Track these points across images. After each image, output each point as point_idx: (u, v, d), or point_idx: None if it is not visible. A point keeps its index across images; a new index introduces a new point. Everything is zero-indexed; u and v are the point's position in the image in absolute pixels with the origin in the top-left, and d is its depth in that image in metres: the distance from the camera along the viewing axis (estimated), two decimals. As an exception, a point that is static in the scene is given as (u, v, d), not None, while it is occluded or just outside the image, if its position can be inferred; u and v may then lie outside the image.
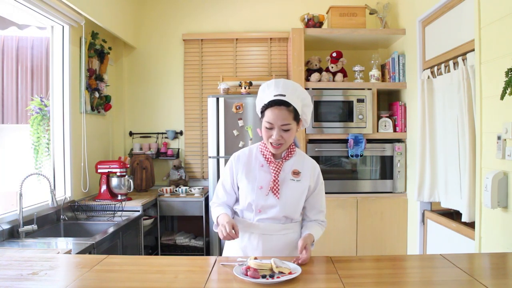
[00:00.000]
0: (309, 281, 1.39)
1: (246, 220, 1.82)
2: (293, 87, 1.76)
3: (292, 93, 1.74)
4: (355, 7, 3.72)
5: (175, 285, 1.36)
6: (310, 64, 3.78)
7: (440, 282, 1.42)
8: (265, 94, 1.79)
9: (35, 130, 3.21)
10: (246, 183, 1.79)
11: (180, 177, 4.16)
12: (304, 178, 1.81)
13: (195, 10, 4.31)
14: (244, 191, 1.80)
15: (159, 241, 3.94)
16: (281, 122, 1.70)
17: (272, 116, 1.71)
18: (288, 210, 1.79)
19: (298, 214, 1.84)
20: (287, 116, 1.70)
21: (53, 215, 2.97)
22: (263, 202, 1.77)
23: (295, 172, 1.80)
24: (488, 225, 2.16)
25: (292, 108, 1.72)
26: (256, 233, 1.79)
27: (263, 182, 1.78)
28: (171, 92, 4.34)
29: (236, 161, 1.85)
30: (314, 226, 1.83)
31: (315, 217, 1.86)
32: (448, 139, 2.76)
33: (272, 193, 1.76)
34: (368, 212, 3.57)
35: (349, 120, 3.61)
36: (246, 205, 1.80)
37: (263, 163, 1.81)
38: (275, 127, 1.71)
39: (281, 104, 1.70)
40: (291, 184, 1.78)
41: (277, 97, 1.72)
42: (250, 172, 1.81)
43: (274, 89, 1.75)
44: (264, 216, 1.78)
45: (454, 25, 2.68)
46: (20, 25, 3.59)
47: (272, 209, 1.77)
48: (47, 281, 1.38)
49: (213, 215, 1.84)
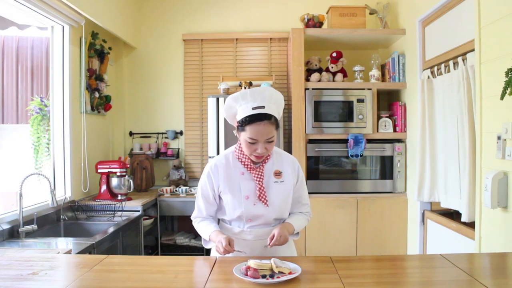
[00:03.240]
0: (309, 281, 1.39)
1: (235, 228, 1.81)
2: (270, 95, 1.70)
3: (270, 101, 1.69)
4: (355, 7, 3.71)
5: (175, 285, 1.36)
6: (310, 64, 3.78)
7: (440, 282, 1.42)
8: (240, 106, 1.71)
9: (35, 130, 3.21)
10: (230, 196, 1.76)
11: (180, 177, 4.16)
12: (287, 177, 1.80)
13: (195, 10, 4.31)
14: (230, 205, 1.77)
15: (159, 241, 3.94)
16: (266, 137, 1.66)
17: (255, 132, 1.66)
18: (279, 213, 1.79)
19: (287, 213, 1.85)
20: (270, 130, 1.67)
21: (53, 215, 2.97)
22: (253, 212, 1.75)
23: (276, 173, 1.78)
24: (488, 225, 2.16)
25: (274, 119, 1.68)
26: (249, 239, 1.79)
27: (248, 191, 1.75)
28: (171, 92, 4.34)
29: (214, 172, 1.79)
30: (295, 216, 1.83)
31: (298, 210, 1.87)
32: (448, 139, 2.76)
33: (260, 201, 1.74)
34: (368, 212, 3.57)
35: (349, 120, 3.61)
36: (236, 217, 1.78)
37: (243, 171, 1.77)
38: (259, 142, 1.67)
39: (263, 119, 1.65)
40: (276, 187, 1.77)
41: (257, 110, 1.65)
42: (232, 183, 1.76)
43: (251, 101, 1.67)
44: (254, 223, 1.78)
45: (454, 25, 2.68)
46: (20, 25, 3.60)
47: (262, 216, 1.77)
48: (47, 281, 1.38)
49: (200, 231, 1.81)
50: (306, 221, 1.88)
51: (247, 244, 1.78)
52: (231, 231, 1.81)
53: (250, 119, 1.66)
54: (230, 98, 1.74)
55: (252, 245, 1.78)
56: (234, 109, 1.74)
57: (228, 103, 1.75)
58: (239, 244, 1.79)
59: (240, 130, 1.72)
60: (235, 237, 1.80)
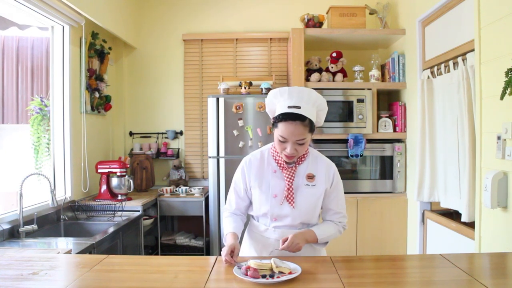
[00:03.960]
0: (309, 281, 1.39)
1: (262, 225, 1.79)
2: (308, 96, 1.66)
3: (307, 103, 1.64)
4: (355, 7, 3.72)
5: (175, 285, 1.36)
6: (310, 64, 3.78)
7: (440, 282, 1.42)
8: (278, 102, 1.68)
9: (35, 130, 3.21)
10: (259, 192, 1.74)
11: (180, 177, 4.16)
12: (320, 181, 1.75)
13: (195, 10, 4.31)
14: (258, 200, 1.76)
15: (159, 241, 3.94)
16: (296, 138, 1.62)
17: (286, 131, 1.62)
18: (305, 217, 1.75)
19: (315, 219, 1.79)
20: (302, 131, 1.62)
21: (53, 215, 2.97)
22: (278, 211, 1.73)
23: (309, 176, 1.74)
24: (488, 225, 2.16)
25: (308, 121, 1.63)
26: (272, 238, 1.76)
27: (277, 190, 1.72)
28: (171, 92, 4.34)
29: (248, 166, 1.79)
30: (323, 224, 1.77)
31: (330, 218, 1.80)
32: (448, 139, 2.76)
33: (287, 202, 1.71)
34: (368, 212, 3.58)
35: (349, 120, 3.61)
36: (261, 214, 1.77)
37: (275, 169, 1.75)
38: (289, 141, 1.63)
39: (296, 119, 1.61)
40: (306, 190, 1.73)
41: (292, 110, 1.62)
42: (263, 179, 1.75)
43: (288, 99, 1.65)
44: (280, 223, 1.75)
45: (454, 25, 2.68)
46: (21, 25, 3.60)
47: (287, 217, 1.73)
48: (47, 281, 1.38)
49: (223, 226, 1.80)
50: (337, 232, 1.78)
51: (271, 243, 1.76)
52: (258, 228, 1.80)
53: (283, 117, 1.63)
54: (270, 93, 1.72)
55: (275, 245, 1.75)
56: (274, 104, 1.72)
57: (268, 98, 1.74)
58: (264, 243, 1.78)
59: (274, 126, 1.69)
60: (260, 235, 1.79)
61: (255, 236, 1.83)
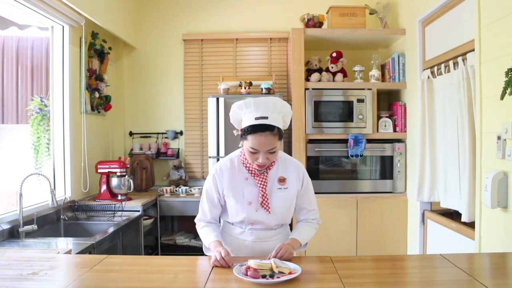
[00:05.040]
0: (309, 281, 1.39)
1: (238, 228, 1.82)
2: (273, 105, 1.68)
3: (273, 111, 1.67)
4: (355, 7, 3.71)
5: (175, 285, 1.36)
6: (310, 64, 3.78)
7: (440, 282, 1.42)
8: (244, 114, 1.70)
9: (35, 130, 3.21)
10: (234, 201, 1.77)
11: (180, 177, 4.16)
12: (291, 184, 1.78)
13: (195, 10, 4.31)
14: (233, 208, 1.78)
15: (159, 241, 3.94)
16: (267, 148, 1.65)
17: (257, 143, 1.64)
18: (280, 219, 1.80)
19: (289, 219, 1.86)
20: (272, 141, 1.65)
21: (53, 215, 2.97)
22: (254, 217, 1.76)
23: (280, 179, 1.78)
24: (488, 225, 2.16)
25: (276, 130, 1.66)
26: (249, 240, 1.80)
27: (251, 197, 1.75)
28: (171, 92, 4.34)
29: (219, 175, 1.79)
30: (301, 228, 1.82)
31: (304, 217, 1.85)
32: (448, 139, 2.76)
33: (262, 208, 1.75)
34: (368, 212, 3.57)
35: (349, 120, 3.61)
36: (238, 221, 1.80)
37: (247, 176, 1.77)
38: (261, 152, 1.66)
39: (265, 130, 1.63)
40: (279, 194, 1.77)
41: (259, 121, 1.64)
42: (235, 188, 1.77)
43: (254, 111, 1.67)
44: (256, 226, 1.80)
45: (454, 25, 2.68)
46: (21, 25, 3.59)
47: (264, 222, 1.78)
48: (47, 281, 1.38)
49: (202, 237, 1.81)
50: (314, 230, 1.84)
51: (247, 245, 1.80)
52: (233, 231, 1.84)
53: (252, 129, 1.65)
54: (235, 105, 1.74)
55: (252, 246, 1.80)
56: (239, 116, 1.74)
57: (233, 110, 1.75)
58: (239, 245, 1.81)
59: (243, 138, 1.71)
60: (235, 237, 1.82)
61: (230, 238, 1.86)
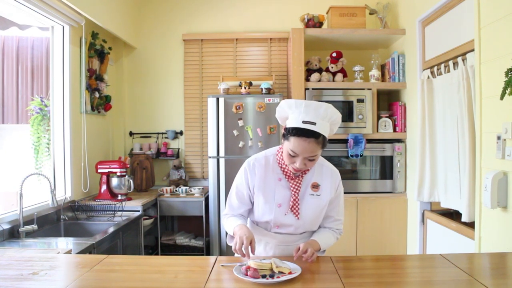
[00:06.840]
0: (309, 281, 1.39)
1: (262, 229, 1.75)
2: (325, 112, 1.57)
3: (323, 118, 1.56)
4: (355, 7, 3.72)
5: (175, 285, 1.36)
6: (310, 64, 3.78)
7: (440, 282, 1.42)
8: (292, 113, 1.59)
9: (35, 130, 3.21)
10: (263, 201, 1.69)
11: (180, 177, 4.16)
12: (324, 191, 1.70)
13: (195, 10, 4.31)
14: (260, 208, 1.70)
15: (159, 241, 3.94)
16: (308, 154, 1.55)
17: (298, 147, 1.54)
18: (308, 225, 1.72)
19: (317, 226, 1.77)
20: (314, 148, 1.55)
21: (53, 215, 2.97)
22: (281, 220, 1.69)
23: (314, 185, 1.69)
24: (488, 225, 2.16)
25: (321, 138, 1.56)
26: (272, 243, 1.75)
27: (282, 199, 1.67)
28: (171, 92, 4.34)
29: (251, 171, 1.71)
30: (323, 233, 1.74)
31: (329, 225, 1.78)
32: (448, 139, 2.76)
33: (292, 213, 1.67)
34: (368, 212, 3.58)
35: (349, 120, 3.61)
36: (263, 221, 1.73)
37: (281, 177, 1.69)
38: (300, 157, 1.56)
39: (310, 136, 1.53)
40: (311, 201, 1.68)
41: (306, 125, 1.53)
42: (266, 187, 1.69)
43: (304, 113, 1.55)
44: (282, 230, 1.72)
45: (454, 25, 2.68)
46: (21, 25, 3.60)
47: (291, 226, 1.70)
48: (47, 281, 1.38)
49: (227, 226, 1.73)
50: (335, 239, 1.77)
51: (271, 248, 1.75)
52: (257, 231, 1.75)
53: (296, 132, 1.54)
54: (284, 101, 1.64)
55: (274, 249, 1.74)
56: (286, 113, 1.64)
57: (281, 105, 1.65)
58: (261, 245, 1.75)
59: (284, 138, 1.61)
60: (259, 238, 1.75)
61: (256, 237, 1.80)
